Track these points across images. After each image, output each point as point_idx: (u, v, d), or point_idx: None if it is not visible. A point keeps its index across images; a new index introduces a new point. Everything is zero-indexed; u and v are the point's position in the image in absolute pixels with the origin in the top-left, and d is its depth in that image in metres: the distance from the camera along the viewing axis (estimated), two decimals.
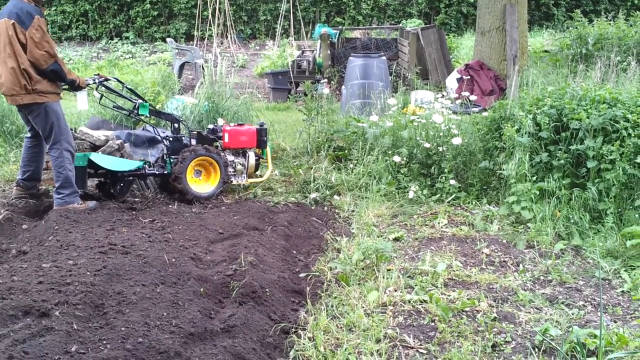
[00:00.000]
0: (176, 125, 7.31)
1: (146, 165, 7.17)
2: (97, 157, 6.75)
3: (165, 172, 7.17)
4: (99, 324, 4.06)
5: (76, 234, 5.53)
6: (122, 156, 7.21)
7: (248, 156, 7.58)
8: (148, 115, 7.27)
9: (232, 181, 7.43)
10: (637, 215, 5.91)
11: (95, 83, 7.01)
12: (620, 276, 5.26)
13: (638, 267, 5.29)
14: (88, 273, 4.60)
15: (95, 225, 5.87)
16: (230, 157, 7.46)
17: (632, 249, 5.52)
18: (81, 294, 4.27)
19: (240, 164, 7.50)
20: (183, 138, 7.36)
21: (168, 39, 17.50)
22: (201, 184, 7.21)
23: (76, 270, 4.64)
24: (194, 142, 7.39)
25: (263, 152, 7.82)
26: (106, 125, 8.92)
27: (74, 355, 3.64)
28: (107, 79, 7.16)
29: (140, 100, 7.13)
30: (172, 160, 7.17)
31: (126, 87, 7.39)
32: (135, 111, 7.11)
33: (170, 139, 7.30)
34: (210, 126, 7.85)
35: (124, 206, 6.56)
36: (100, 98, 7.19)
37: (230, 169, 7.41)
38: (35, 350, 3.60)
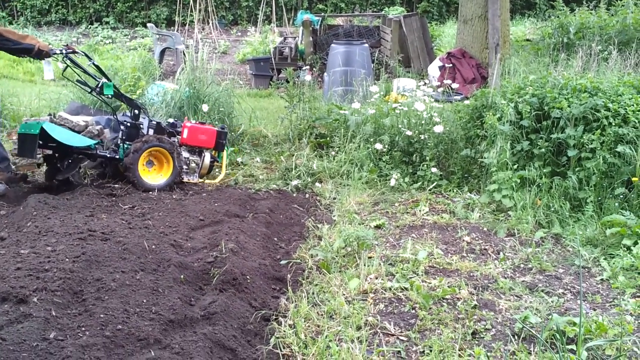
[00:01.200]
0: (136, 111, 7.12)
1: (98, 146, 6.97)
2: (50, 128, 6.53)
3: (117, 156, 6.96)
4: (77, 311, 4.02)
5: (55, 220, 5.47)
6: (101, 142, 7.10)
7: (204, 156, 7.36)
8: (110, 96, 7.04)
9: (182, 178, 7.22)
10: (616, 204, 5.95)
11: (62, 54, 6.85)
12: (600, 264, 5.29)
13: (617, 255, 5.32)
14: (67, 259, 4.55)
15: (75, 211, 5.81)
16: (185, 154, 7.25)
17: (612, 237, 5.55)
18: (60, 280, 4.23)
19: (194, 162, 7.29)
20: (141, 126, 7.16)
21: (149, 24, 17.36)
22: (152, 175, 6.99)
23: (55, 257, 4.59)
24: (151, 132, 7.20)
25: (219, 155, 7.59)
26: (86, 110, 8.81)
27: (52, 342, 3.61)
28: (74, 52, 6.99)
29: (104, 80, 6.96)
30: (125, 147, 6.99)
31: (93, 64, 7.19)
32: (98, 89, 6.91)
33: (128, 124, 7.10)
34: (171, 120, 7.68)
35: (103, 192, 6.50)
36: (64, 70, 6.97)
37: (184, 166, 7.21)
38: (13, 337, 3.56)
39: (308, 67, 13.86)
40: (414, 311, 4.48)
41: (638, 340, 4.02)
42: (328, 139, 8.34)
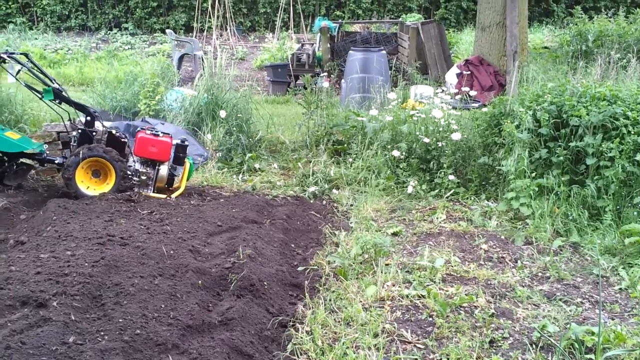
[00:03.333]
0: (88, 118, 6.90)
1: (47, 152, 6.93)
2: None
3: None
4: (96, 315, 4.05)
5: (74, 224, 5.52)
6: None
7: (158, 169, 6.95)
8: (57, 102, 6.88)
9: (134, 190, 6.85)
10: (635, 213, 5.91)
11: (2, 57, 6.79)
12: (619, 274, 5.26)
13: (636, 264, 5.29)
14: (86, 264, 4.59)
15: (94, 216, 5.85)
16: (137, 166, 6.94)
17: (631, 246, 5.52)
18: (79, 284, 4.27)
19: (145, 174, 6.92)
20: (94, 133, 6.92)
21: (167, 31, 17.46)
22: (98, 184, 6.78)
23: (74, 261, 4.63)
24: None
25: (176, 170, 7.12)
26: (105, 116, 8.90)
27: (71, 346, 3.64)
28: (12, 54, 6.89)
29: (54, 85, 6.86)
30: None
31: (36, 65, 7.03)
32: (40, 95, 6.82)
33: (80, 131, 6.93)
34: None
35: (122, 197, 6.54)
36: (17, 72, 6.84)
37: (135, 178, 6.89)
38: (32, 341, 3.59)
39: (325, 73, 13.88)
40: (431, 319, 4.48)
41: None
42: (345, 145, 8.34)
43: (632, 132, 6.16)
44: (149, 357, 3.70)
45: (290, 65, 14.54)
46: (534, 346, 4.09)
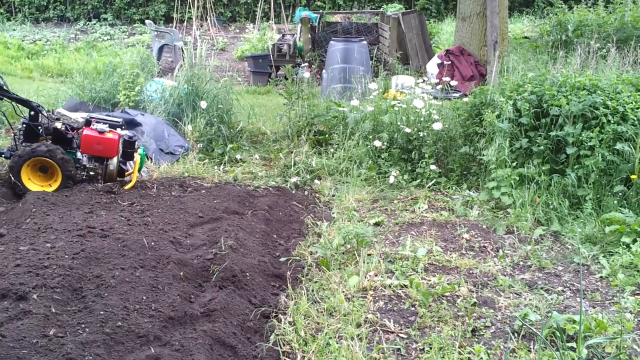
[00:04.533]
0: (32, 113, 6.80)
1: None
2: None
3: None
4: (77, 308, 4.02)
5: (54, 216, 5.47)
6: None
7: (107, 164, 6.84)
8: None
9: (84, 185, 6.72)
10: (615, 202, 5.95)
11: None
12: (599, 262, 5.30)
13: (616, 253, 5.33)
14: (66, 256, 4.55)
15: (74, 208, 5.81)
16: (84, 161, 6.82)
17: (611, 234, 5.56)
18: (59, 277, 4.23)
19: (93, 170, 6.80)
20: (39, 127, 6.79)
21: (147, 21, 17.31)
22: (43, 181, 6.62)
23: (54, 254, 4.59)
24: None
25: (126, 164, 7.04)
26: (84, 107, 8.82)
27: (52, 338, 3.61)
28: None
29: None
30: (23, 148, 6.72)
31: None
32: None
33: (24, 125, 6.81)
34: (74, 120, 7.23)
35: (102, 189, 6.49)
36: None
37: (83, 173, 6.80)
38: (12, 334, 3.56)
39: (307, 64, 13.85)
40: (413, 308, 4.49)
41: (638, 337, 4.04)
42: (327, 136, 8.33)
43: (612, 121, 6.20)
44: (130, 349, 3.68)
45: (271, 56, 14.48)
46: (516, 335, 4.11)
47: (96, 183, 6.76)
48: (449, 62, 12.13)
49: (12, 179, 6.47)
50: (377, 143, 7.58)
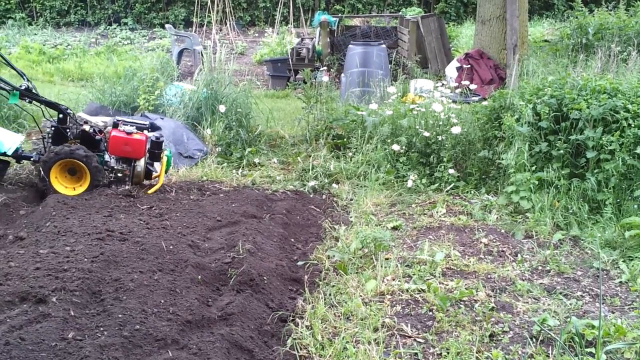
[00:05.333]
0: (61, 115, 6.83)
1: (23, 149, 6.91)
2: None
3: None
4: (96, 311, 4.05)
5: (74, 220, 5.51)
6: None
7: (134, 166, 6.88)
8: (29, 100, 6.82)
9: (111, 187, 6.75)
10: (635, 206, 5.90)
11: None
12: (619, 267, 5.26)
13: (636, 258, 5.28)
14: (85, 259, 4.58)
15: (93, 211, 5.85)
16: (112, 163, 6.86)
17: (631, 239, 5.51)
18: (78, 280, 4.26)
19: (120, 172, 6.84)
20: (68, 131, 6.86)
21: (167, 25, 17.42)
22: (72, 184, 6.65)
23: (73, 257, 4.62)
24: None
25: (153, 165, 7.09)
26: (104, 111, 8.88)
27: (70, 341, 3.64)
28: None
29: (24, 83, 6.77)
30: None
31: (6, 60, 6.97)
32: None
33: (53, 128, 6.86)
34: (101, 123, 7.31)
35: (121, 192, 6.53)
36: None
37: (111, 175, 6.83)
38: (31, 337, 3.59)
39: (325, 68, 13.85)
40: (431, 313, 4.47)
41: None
42: (345, 140, 8.33)
43: (633, 125, 6.15)
44: (148, 352, 3.70)
45: (290, 60, 14.51)
46: (534, 340, 4.09)
47: (123, 185, 6.81)
48: (468, 66, 12.09)
49: (42, 173, 6.51)
50: (396, 147, 7.57)
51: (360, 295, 4.68)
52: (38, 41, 18.33)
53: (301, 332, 4.14)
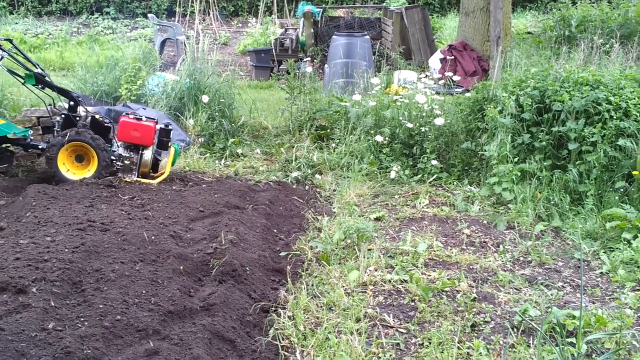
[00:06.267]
0: (72, 103, 6.89)
1: (31, 137, 6.93)
2: None
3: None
4: (76, 301, 4.02)
5: (54, 210, 5.47)
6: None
7: (142, 154, 6.89)
8: (41, 87, 6.84)
9: (118, 175, 6.82)
10: (616, 198, 5.94)
11: None
12: (600, 258, 5.29)
13: (617, 248, 5.32)
14: (66, 250, 4.55)
15: (74, 201, 5.80)
16: (120, 150, 6.90)
17: (612, 230, 5.55)
18: (59, 270, 4.23)
19: (128, 159, 6.86)
20: (77, 118, 6.89)
21: (149, 15, 17.30)
22: (80, 170, 6.73)
23: (54, 247, 4.59)
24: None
25: (160, 154, 7.11)
26: (86, 100, 8.80)
27: (51, 332, 3.61)
28: None
29: (37, 70, 6.82)
30: None
31: (19, 51, 6.99)
32: (22, 80, 6.80)
33: (63, 115, 6.90)
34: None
35: (102, 183, 6.49)
36: (0, 59, 6.77)
37: (118, 163, 6.87)
38: (11, 327, 3.56)
39: (309, 58, 13.83)
40: (413, 303, 4.48)
41: (637, 333, 4.03)
42: (328, 130, 8.32)
43: (614, 117, 6.18)
44: (129, 342, 3.68)
45: (274, 50, 14.48)
46: (515, 330, 4.10)
47: (130, 174, 6.85)
48: (452, 57, 12.10)
49: (48, 158, 6.59)
50: (379, 138, 7.57)
51: (343, 286, 4.68)
52: (19, 30, 18.16)
53: (283, 323, 4.13)
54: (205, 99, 8.54)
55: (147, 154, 6.92)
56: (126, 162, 6.86)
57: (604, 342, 3.95)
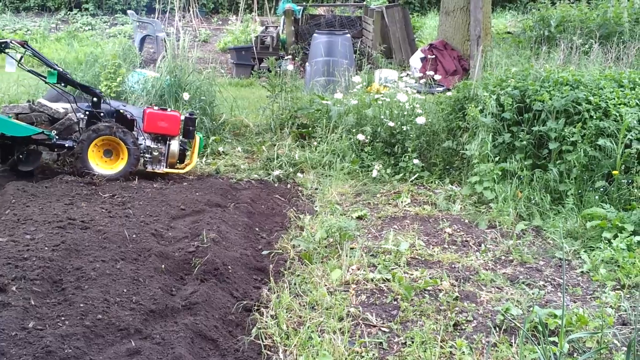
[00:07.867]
0: (95, 99, 6.94)
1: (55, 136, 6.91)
2: None
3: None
4: (57, 300, 3.98)
5: (34, 208, 5.41)
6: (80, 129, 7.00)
7: (169, 144, 7.02)
8: (57, 83, 6.88)
9: (147, 168, 6.99)
10: (597, 197, 5.98)
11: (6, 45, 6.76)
12: (580, 257, 5.32)
13: (597, 248, 5.36)
14: (46, 248, 4.50)
15: (54, 199, 5.75)
16: (148, 142, 6.98)
17: (592, 230, 5.59)
18: (39, 269, 4.19)
19: (157, 150, 6.98)
20: (101, 114, 6.94)
21: (129, 11, 17.18)
22: (109, 164, 6.78)
23: (34, 245, 4.54)
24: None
25: (188, 144, 7.29)
26: (67, 97, 8.72)
27: (31, 331, 3.57)
28: (7, 42, 6.82)
29: (58, 69, 6.86)
30: None
31: (35, 51, 7.01)
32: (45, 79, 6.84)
33: (87, 112, 6.94)
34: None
35: (83, 180, 6.43)
36: (20, 59, 6.86)
37: (147, 155, 6.95)
38: None
39: (290, 56, 13.80)
40: (395, 302, 4.48)
41: (618, 332, 4.06)
42: (310, 129, 8.30)
43: (594, 117, 6.23)
44: (111, 342, 3.65)
45: (254, 48, 14.43)
46: (497, 329, 4.12)
47: (158, 165, 6.98)
48: (433, 57, 12.13)
49: (79, 165, 6.62)
50: (361, 137, 7.57)
51: (325, 285, 4.67)
52: None
53: (266, 322, 4.12)
54: (186, 96, 8.49)
55: (175, 144, 7.05)
56: (155, 153, 6.98)
57: (586, 341, 3.98)
